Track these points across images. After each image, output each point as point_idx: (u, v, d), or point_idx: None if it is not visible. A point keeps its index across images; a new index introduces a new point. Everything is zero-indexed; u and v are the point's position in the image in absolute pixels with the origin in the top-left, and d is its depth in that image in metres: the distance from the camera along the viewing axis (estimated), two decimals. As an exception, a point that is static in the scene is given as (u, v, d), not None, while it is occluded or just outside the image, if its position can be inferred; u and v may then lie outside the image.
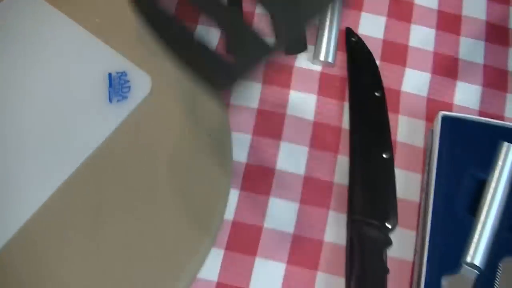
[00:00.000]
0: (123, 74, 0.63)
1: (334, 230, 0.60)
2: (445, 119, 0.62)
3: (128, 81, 0.63)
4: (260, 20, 0.71)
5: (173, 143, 0.61)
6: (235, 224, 0.60)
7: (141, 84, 0.63)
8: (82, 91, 0.63)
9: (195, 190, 0.59)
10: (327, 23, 0.69)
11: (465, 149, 0.62)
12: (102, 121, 0.61)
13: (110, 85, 0.63)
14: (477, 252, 0.56)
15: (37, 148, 0.60)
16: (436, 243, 0.57)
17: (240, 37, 0.51)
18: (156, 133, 0.61)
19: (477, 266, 0.56)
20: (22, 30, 0.66)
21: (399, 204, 0.61)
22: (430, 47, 0.71)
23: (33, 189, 0.58)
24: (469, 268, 0.56)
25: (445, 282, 0.56)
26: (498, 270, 0.57)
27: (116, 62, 0.64)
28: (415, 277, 0.58)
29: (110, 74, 0.63)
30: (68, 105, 0.62)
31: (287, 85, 0.67)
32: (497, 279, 0.56)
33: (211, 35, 0.69)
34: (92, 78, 0.63)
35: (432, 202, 0.59)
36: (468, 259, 0.56)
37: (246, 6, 0.71)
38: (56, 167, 0.59)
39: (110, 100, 0.62)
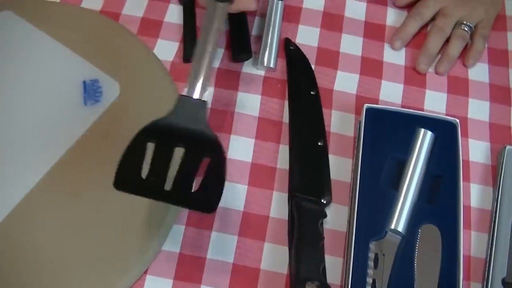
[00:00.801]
0: (95, 81, 0.72)
1: (277, 207, 0.68)
2: (368, 110, 0.71)
3: (100, 87, 0.72)
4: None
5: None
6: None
7: (111, 89, 0.72)
8: (62, 96, 0.72)
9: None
10: (269, 34, 0.78)
11: (387, 135, 0.70)
12: (78, 120, 0.70)
13: (85, 91, 0.72)
14: (399, 220, 0.64)
15: (23, 143, 0.68)
16: (364, 214, 0.65)
17: None
18: (124, 129, 0.69)
19: (400, 232, 0.64)
20: (7, 47, 0.75)
21: (333, 184, 0.69)
22: (358, 52, 0.80)
23: (20, 177, 0.66)
24: (393, 234, 0.64)
25: (373, 246, 0.63)
26: (418, 235, 0.64)
27: (90, 71, 0.74)
28: (348, 243, 0.65)
29: (84, 82, 0.72)
30: (50, 108, 0.71)
31: (235, 87, 0.76)
32: (417, 242, 0.64)
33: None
34: (70, 85, 0.73)
35: (360, 180, 0.67)
36: (392, 226, 0.64)
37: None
38: (40, 160, 0.67)
39: (85, 103, 0.71)
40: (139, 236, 0.64)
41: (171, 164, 0.56)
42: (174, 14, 0.82)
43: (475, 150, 0.74)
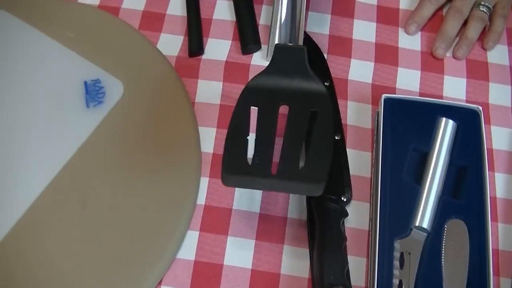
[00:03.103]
0: (97, 81, 0.69)
1: (295, 207, 0.65)
2: (387, 100, 0.68)
3: (102, 87, 0.69)
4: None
5: (146, 139, 0.67)
6: (207, 208, 0.65)
7: (114, 89, 0.69)
8: (62, 99, 0.69)
9: (169, 180, 0.65)
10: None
11: (407, 126, 0.67)
12: (81, 124, 0.67)
13: (87, 92, 0.68)
14: (424, 216, 0.62)
15: (24, 152, 0.65)
16: (387, 211, 0.62)
17: None
18: (130, 131, 0.67)
19: (425, 229, 0.61)
20: (3, 48, 0.72)
21: (352, 180, 0.67)
22: (372, 38, 0.77)
23: (23, 187, 0.63)
24: (418, 231, 0.61)
25: (398, 244, 0.61)
26: (444, 231, 0.62)
27: (90, 70, 0.70)
28: (371, 242, 0.63)
29: (85, 82, 0.69)
30: (50, 113, 0.68)
31: (245, 81, 0.72)
32: (443, 238, 0.61)
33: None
34: (70, 87, 0.69)
35: (381, 175, 0.64)
36: (417, 223, 0.61)
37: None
38: (44, 167, 0.64)
39: (88, 105, 0.68)
40: (151, 244, 0.61)
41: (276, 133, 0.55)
42: (177, 6, 0.79)
43: (498, 137, 0.71)
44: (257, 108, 0.57)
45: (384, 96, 0.68)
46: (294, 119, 0.56)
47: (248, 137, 0.55)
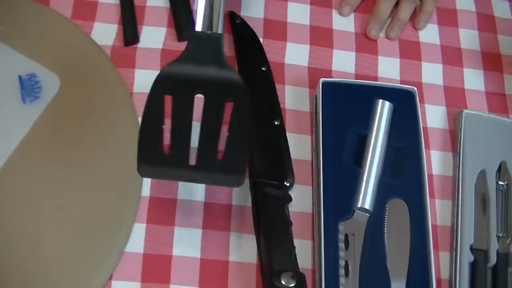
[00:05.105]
0: (32, 75, 0.67)
1: (239, 194, 0.66)
2: (325, 84, 0.69)
3: (38, 81, 0.67)
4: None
5: (85, 132, 0.66)
6: (152, 200, 0.64)
7: (50, 83, 0.67)
8: (-4, 95, 0.66)
9: (111, 174, 0.64)
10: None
11: (345, 109, 0.68)
12: (19, 120, 0.65)
13: (22, 87, 0.66)
14: (365, 197, 0.63)
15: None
16: (330, 194, 0.63)
17: None
18: (69, 125, 0.66)
19: (367, 210, 0.63)
20: None
21: (294, 164, 0.67)
22: (306, 21, 0.78)
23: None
24: (361, 212, 0.63)
25: (342, 227, 0.62)
26: (386, 210, 0.64)
27: (25, 65, 0.68)
28: (316, 226, 0.64)
29: (20, 77, 0.67)
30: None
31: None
32: (385, 217, 0.63)
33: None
34: (4, 82, 0.67)
35: (322, 158, 0.65)
36: (359, 204, 0.63)
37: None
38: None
39: (24, 100, 0.66)
40: (99, 240, 0.60)
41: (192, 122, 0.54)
42: (109, -6, 0.77)
43: (432, 116, 0.74)
44: (171, 96, 0.56)
45: (322, 80, 0.69)
46: (209, 109, 0.55)
47: (163, 126, 0.54)
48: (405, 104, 0.69)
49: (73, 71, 0.69)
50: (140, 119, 0.66)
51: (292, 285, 0.55)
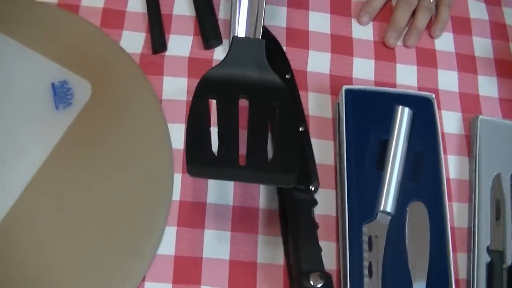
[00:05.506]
0: (64, 82, 0.69)
1: (267, 198, 0.68)
2: (347, 91, 0.71)
3: (70, 88, 0.68)
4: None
5: (117, 138, 0.67)
6: (182, 203, 0.66)
7: (82, 90, 0.69)
8: (30, 102, 0.68)
9: (143, 178, 0.65)
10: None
11: (367, 115, 0.70)
12: (52, 126, 0.67)
13: (55, 93, 0.68)
14: (387, 201, 0.65)
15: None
16: (353, 198, 0.65)
17: None
18: (101, 131, 0.67)
19: (389, 212, 0.65)
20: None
21: (318, 169, 0.69)
22: (327, 30, 0.80)
23: (1, 191, 0.63)
24: (383, 215, 0.65)
25: (365, 229, 0.64)
26: (406, 213, 0.66)
27: (57, 72, 0.70)
28: (340, 228, 0.66)
29: (53, 84, 0.68)
30: (19, 117, 0.67)
31: (208, 76, 0.73)
32: (406, 220, 0.65)
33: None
34: (37, 89, 0.68)
35: (346, 163, 0.67)
36: (381, 207, 0.65)
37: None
38: (18, 172, 0.64)
39: (57, 107, 0.67)
40: (132, 242, 0.62)
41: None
42: (136, 2, 0.78)
43: (449, 121, 0.75)
44: (215, 100, 0.57)
45: (344, 87, 0.71)
46: (255, 112, 0.57)
47: (210, 128, 0.56)
48: (423, 110, 0.71)
49: (103, 78, 0.70)
50: (169, 125, 0.69)
51: (320, 285, 0.57)
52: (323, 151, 0.71)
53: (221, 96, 0.57)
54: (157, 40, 0.74)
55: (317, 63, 0.77)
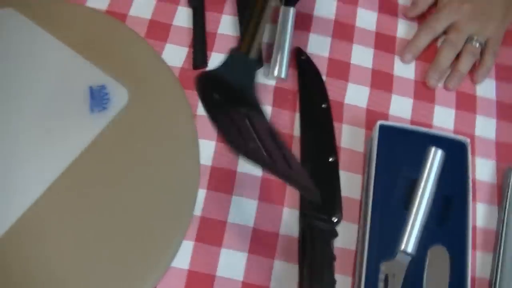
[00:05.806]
0: (102, 87, 0.70)
1: (288, 224, 0.68)
2: (382, 127, 0.70)
3: (107, 93, 0.70)
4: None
5: (147, 148, 0.68)
6: (203, 219, 0.67)
7: (118, 96, 0.70)
8: (67, 102, 0.69)
9: (168, 190, 0.66)
10: (281, 43, 0.76)
11: (399, 152, 0.69)
12: (85, 128, 0.68)
13: (92, 97, 0.69)
14: (409, 241, 0.64)
15: (26, 152, 0.66)
16: (375, 234, 0.65)
17: None
18: (132, 139, 0.68)
19: (410, 253, 0.64)
20: (10, 47, 0.72)
21: (343, 201, 0.69)
22: (369, 64, 0.80)
23: (24, 188, 0.64)
24: (403, 254, 0.64)
25: (383, 266, 0.63)
26: (427, 256, 0.64)
27: (96, 76, 0.71)
28: (358, 263, 0.65)
29: (91, 87, 0.70)
30: (55, 116, 0.68)
31: (245, 98, 0.74)
32: (426, 263, 0.64)
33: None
34: (76, 91, 0.70)
35: (372, 199, 0.66)
36: (402, 247, 0.64)
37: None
38: (46, 169, 0.65)
39: (92, 110, 0.69)
40: (148, 252, 0.63)
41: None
42: (183, 17, 0.80)
43: (481, 169, 0.75)
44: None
45: (379, 122, 0.70)
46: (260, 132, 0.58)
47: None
48: (457, 153, 0.70)
49: (141, 87, 0.71)
50: (200, 141, 0.70)
51: (331, 317, 0.57)
52: (351, 184, 0.71)
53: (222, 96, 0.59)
54: (199, 56, 0.75)
55: (355, 96, 0.77)
